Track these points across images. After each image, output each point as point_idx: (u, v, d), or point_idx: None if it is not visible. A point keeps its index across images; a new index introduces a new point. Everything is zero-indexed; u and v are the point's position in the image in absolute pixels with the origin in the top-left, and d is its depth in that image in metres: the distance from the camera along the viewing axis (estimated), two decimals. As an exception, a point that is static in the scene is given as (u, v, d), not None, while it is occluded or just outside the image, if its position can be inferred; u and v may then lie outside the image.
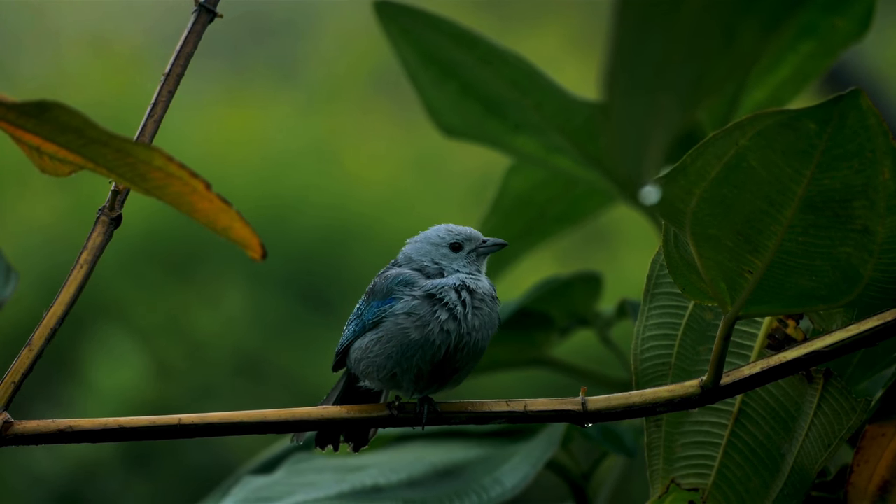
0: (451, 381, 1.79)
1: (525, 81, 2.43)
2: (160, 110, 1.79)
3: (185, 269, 4.83)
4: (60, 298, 1.71)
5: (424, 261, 1.82)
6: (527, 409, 1.70)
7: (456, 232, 1.82)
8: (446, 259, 1.81)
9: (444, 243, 1.82)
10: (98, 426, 1.68)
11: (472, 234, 1.83)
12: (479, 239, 1.83)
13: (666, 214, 1.61)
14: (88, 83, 5.08)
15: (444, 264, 1.80)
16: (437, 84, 2.50)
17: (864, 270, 1.61)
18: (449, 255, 1.81)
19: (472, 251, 1.82)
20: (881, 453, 1.67)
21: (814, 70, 2.43)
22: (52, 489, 4.55)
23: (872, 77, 3.87)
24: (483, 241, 1.82)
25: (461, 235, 1.82)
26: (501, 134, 2.52)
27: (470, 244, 1.82)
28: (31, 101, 1.55)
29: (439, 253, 1.82)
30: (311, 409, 1.72)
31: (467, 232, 1.83)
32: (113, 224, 1.75)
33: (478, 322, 1.77)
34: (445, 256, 1.81)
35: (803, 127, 1.54)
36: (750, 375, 1.66)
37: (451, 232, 1.82)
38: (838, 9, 2.37)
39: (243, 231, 1.58)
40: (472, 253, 1.82)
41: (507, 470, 2.15)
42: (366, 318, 1.80)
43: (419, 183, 5.09)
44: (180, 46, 1.80)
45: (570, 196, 2.70)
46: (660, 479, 1.76)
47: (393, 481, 2.15)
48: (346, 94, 5.42)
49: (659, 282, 1.77)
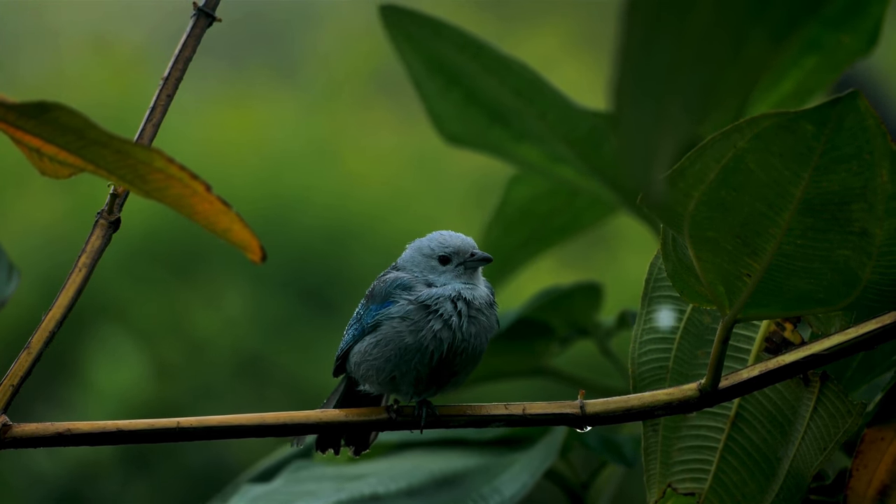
0: (449, 383, 1.80)
1: (529, 90, 2.42)
2: (159, 114, 1.79)
3: (185, 269, 4.83)
4: (59, 301, 1.72)
5: (415, 271, 1.82)
6: (525, 413, 1.70)
7: (446, 245, 1.82)
8: (434, 272, 1.82)
9: (434, 255, 1.82)
10: (96, 429, 1.68)
11: (461, 248, 1.82)
12: (468, 252, 1.82)
13: (664, 218, 1.61)
14: (89, 84, 5.08)
15: (432, 277, 1.81)
16: (442, 91, 2.49)
17: (862, 273, 1.61)
18: (437, 267, 1.82)
19: (460, 264, 1.82)
20: (880, 457, 1.67)
21: (817, 85, 2.42)
22: (52, 489, 4.55)
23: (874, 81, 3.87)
24: (471, 255, 1.82)
25: (449, 249, 1.82)
26: (505, 143, 2.52)
27: (458, 258, 1.82)
28: (32, 101, 1.55)
29: (428, 265, 1.82)
30: (310, 412, 1.72)
31: (456, 245, 1.82)
32: (112, 227, 1.75)
33: (474, 329, 1.78)
34: (434, 269, 1.82)
35: (801, 129, 1.54)
36: (748, 379, 1.66)
37: (441, 244, 1.82)
38: (845, 25, 2.35)
39: (243, 233, 1.58)
40: (459, 266, 1.82)
41: (507, 479, 2.15)
42: (365, 322, 1.80)
43: (420, 183, 5.09)
44: (179, 50, 1.80)
45: (573, 207, 2.70)
46: (657, 483, 1.76)
47: (392, 490, 2.15)
48: (347, 95, 5.42)
49: (657, 286, 1.77)
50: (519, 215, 2.69)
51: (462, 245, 1.82)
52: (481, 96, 2.48)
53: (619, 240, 4.98)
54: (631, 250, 4.89)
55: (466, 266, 1.82)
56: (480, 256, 1.82)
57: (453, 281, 1.80)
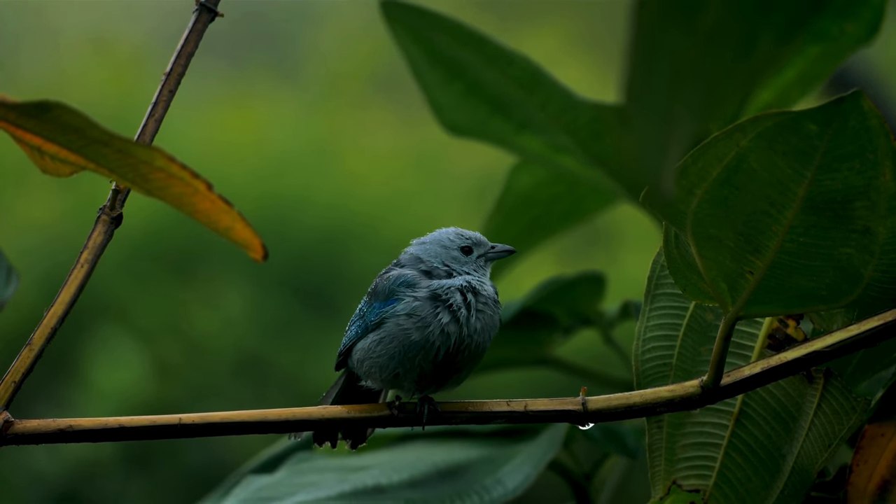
0: (451, 380, 1.80)
1: (530, 81, 2.43)
2: (161, 110, 1.79)
3: (185, 268, 4.83)
4: (61, 298, 1.71)
5: (434, 262, 1.82)
6: (527, 409, 1.70)
7: (466, 236, 1.84)
8: (457, 262, 1.82)
9: (455, 246, 1.83)
10: (98, 426, 1.68)
11: (480, 239, 1.84)
12: (488, 244, 1.84)
13: (667, 215, 1.61)
14: (89, 83, 5.08)
15: (454, 267, 1.82)
16: (443, 83, 2.50)
17: (864, 271, 1.61)
18: (460, 258, 1.82)
19: (482, 255, 1.83)
20: (881, 453, 1.67)
21: (821, 72, 2.43)
22: (52, 488, 4.55)
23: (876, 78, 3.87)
24: (492, 247, 1.84)
25: (471, 239, 1.83)
26: (506, 133, 2.53)
27: (479, 248, 1.83)
28: (33, 101, 1.55)
29: (450, 255, 1.83)
30: (312, 408, 1.72)
31: (476, 237, 1.84)
32: (113, 223, 1.75)
33: (479, 325, 1.79)
34: (456, 259, 1.82)
35: (804, 128, 1.54)
36: (750, 375, 1.66)
37: (461, 235, 1.84)
38: (848, 13, 2.37)
39: (245, 232, 1.58)
40: (481, 258, 1.83)
41: (509, 470, 2.15)
42: (368, 319, 1.81)
43: (420, 182, 5.09)
44: (181, 46, 1.80)
45: (574, 195, 2.70)
46: (661, 480, 1.76)
47: (395, 481, 2.15)
48: (347, 94, 5.43)
49: (660, 282, 1.77)
50: (521, 203, 2.70)
51: (481, 237, 1.84)
52: (482, 87, 2.48)
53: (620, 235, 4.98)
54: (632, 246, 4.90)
55: (488, 258, 1.83)
56: (503, 248, 1.83)
57: (472, 272, 1.81)
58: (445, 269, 1.81)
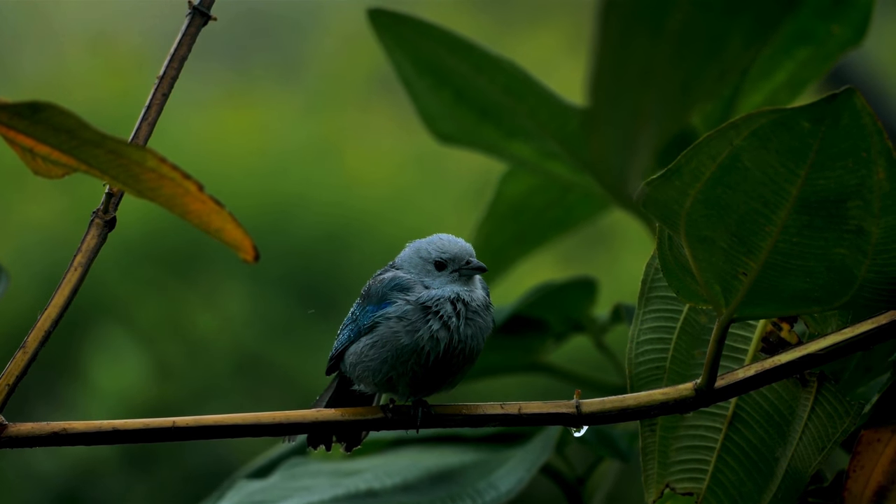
0: (446, 384, 1.80)
1: (519, 88, 2.43)
2: (154, 113, 1.78)
3: (185, 269, 4.83)
4: (55, 301, 1.71)
5: (413, 272, 1.83)
6: (521, 412, 1.70)
7: (443, 250, 1.83)
8: (429, 276, 1.83)
9: (430, 259, 1.83)
10: (92, 429, 1.68)
11: (458, 255, 1.83)
12: (464, 259, 1.83)
13: (660, 216, 1.61)
14: (89, 83, 5.08)
15: (427, 280, 1.82)
16: (432, 91, 2.50)
17: (858, 272, 1.60)
18: (432, 272, 1.83)
19: (455, 271, 1.83)
20: (877, 458, 1.66)
21: (810, 75, 2.43)
22: (51, 489, 4.55)
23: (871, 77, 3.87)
24: (466, 263, 1.83)
25: (446, 255, 1.83)
26: (496, 140, 2.52)
27: (453, 264, 1.83)
28: (24, 101, 1.54)
29: (424, 269, 1.83)
30: (306, 411, 1.72)
31: (454, 252, 1.83)
32: (107, 227, 1.75)
33: (470, 331, 1.79)
34: (429, 273, 1.83)
35: (797, 126, 1.54)
36: (744, 378, 1.65)
37: (439, 250, 1.83)
38: (834, 15, 2.37)
39: (235, 233, 1.57)
40: (454, 273, 1.83)
41: (502, 474, 2.15)
42: (361, 323, 1.80)
43: (419, 182, 5.09)
44: (174, 49, 1.80)
45: (565, 201, 2.70)
46: (654, 483, 1.75)
47: (388, 486, 2.15)
48: (347, 94, 5.42)
49: (654, 285, 1.77)
50: (512, 210, 2.69)
51: (459, 252, 1.83)
52: (471, 95, 2.48)
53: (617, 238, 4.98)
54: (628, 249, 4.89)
55: (461, 273, 1.83)
56: (475, 265, 1.83)
57: (449, 284, 1.81)
58: (420, 281, 1.82)
